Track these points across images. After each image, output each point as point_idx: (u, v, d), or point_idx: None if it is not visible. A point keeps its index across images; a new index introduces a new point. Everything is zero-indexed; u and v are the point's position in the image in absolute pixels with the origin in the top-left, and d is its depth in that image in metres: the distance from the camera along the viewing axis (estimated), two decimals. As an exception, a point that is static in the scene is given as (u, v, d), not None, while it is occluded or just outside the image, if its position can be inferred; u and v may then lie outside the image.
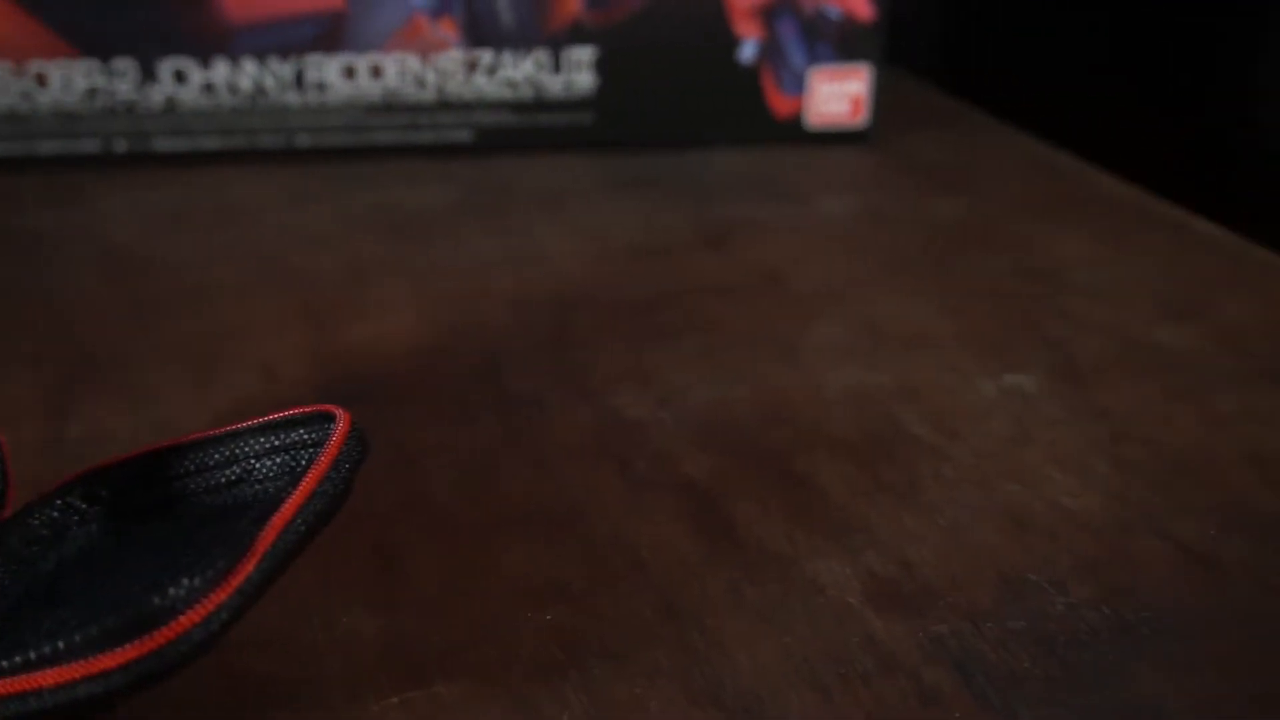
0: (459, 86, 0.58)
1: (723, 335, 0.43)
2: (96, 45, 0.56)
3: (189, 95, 0.57)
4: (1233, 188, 0.64)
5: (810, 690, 0.27)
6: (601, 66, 0.59)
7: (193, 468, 0.29)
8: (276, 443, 0.29)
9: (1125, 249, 0.49)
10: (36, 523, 0.28)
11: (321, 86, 0.57)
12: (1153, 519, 0.33)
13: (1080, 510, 0.33)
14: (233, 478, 0.29)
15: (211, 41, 0.56)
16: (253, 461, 0.29)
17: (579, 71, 0.59)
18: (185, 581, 0.22)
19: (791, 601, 0.30)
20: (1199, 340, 0.42)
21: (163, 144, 0.57)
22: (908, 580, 0.31)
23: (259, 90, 0.57)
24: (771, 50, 0.59)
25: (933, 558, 0.32)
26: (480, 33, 0.57)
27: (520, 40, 0.58)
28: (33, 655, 0.22)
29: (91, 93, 0.56)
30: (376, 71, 0.57)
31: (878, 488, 0.34)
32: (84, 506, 0.29)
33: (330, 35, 0.56)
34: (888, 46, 0.67)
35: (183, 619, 0.22)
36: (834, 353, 0.41)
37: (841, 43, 0.60)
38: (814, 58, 0.60)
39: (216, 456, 0.29)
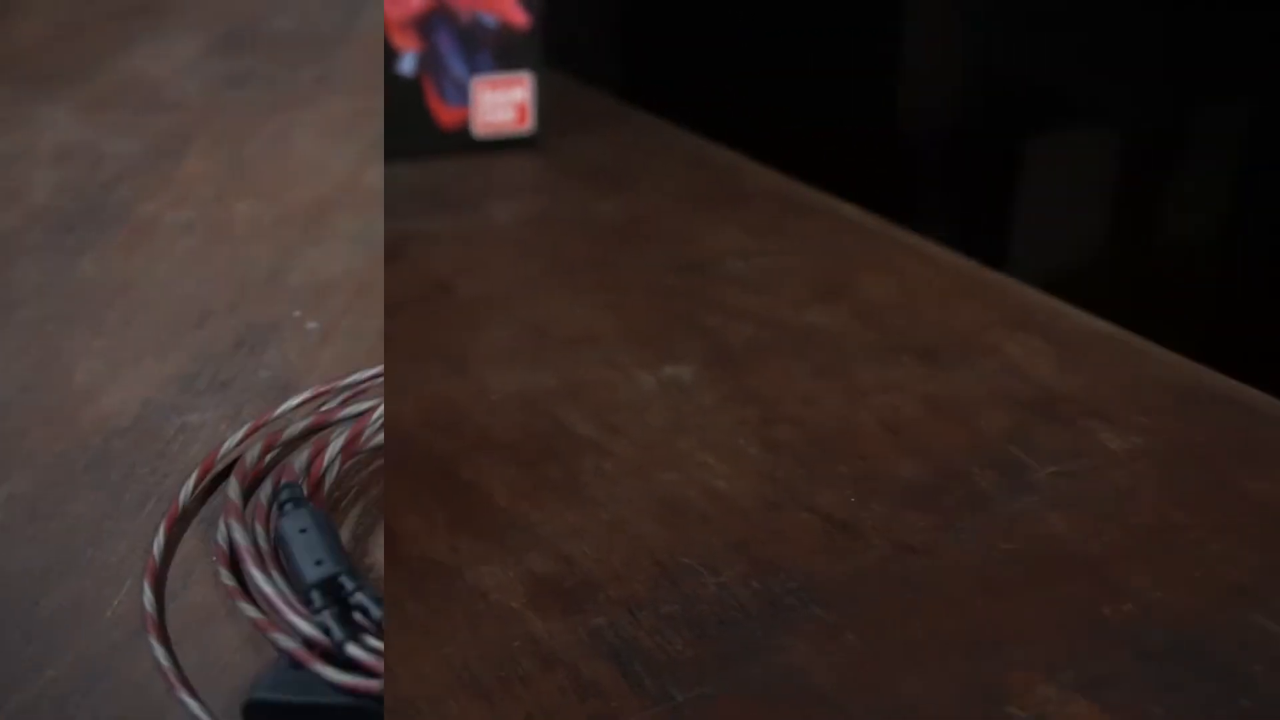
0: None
1: (390, 350, 0.42)
2: None
3: None
4: (877, 172, 0.68)
5: (471, 696, 0.27)
6: (257, 84, 0.57)
7: None
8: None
9: (777, 237, 0.51)
10: None
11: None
12: (798, 494, 0.35)
13: (732, 492, 0.35)
14: None
15: None
16: None
17: (234, 90, 0.57)
18: None
19: (454, 610, 0.30)
20: (843, 319, 0.44)
21: None
22: (569, 576, 0.31)
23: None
24: (431, 61, 0.59)
25: (593, 552, 0.32)
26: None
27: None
28: None
29: None
30: None
31: (541, 488, 0.35)
32: None
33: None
34: (562, 55, 0.68)
35: None
36: (501, 357, 0.42)
37: (500, 51, 0.60)
38: (475, 67, 0.60)
39: None
